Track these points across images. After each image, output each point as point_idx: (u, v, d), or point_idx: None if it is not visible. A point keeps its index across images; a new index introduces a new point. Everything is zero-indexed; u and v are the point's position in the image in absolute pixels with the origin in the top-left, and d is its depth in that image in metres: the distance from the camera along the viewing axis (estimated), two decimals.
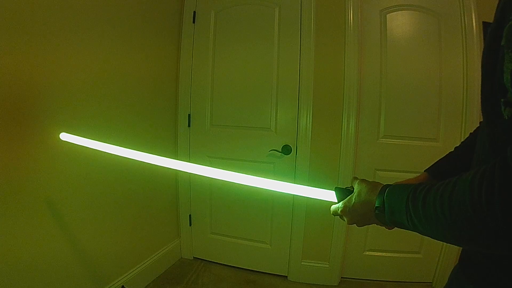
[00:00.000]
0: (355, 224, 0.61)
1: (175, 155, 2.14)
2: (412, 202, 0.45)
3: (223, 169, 0.77)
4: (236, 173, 0.75)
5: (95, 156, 1.24)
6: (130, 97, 1.66)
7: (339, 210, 0.62)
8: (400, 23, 1.82)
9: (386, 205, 0.50)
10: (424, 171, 0.77)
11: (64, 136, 1.10)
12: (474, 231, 0.37)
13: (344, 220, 0.63)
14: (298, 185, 0.73)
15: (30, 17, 1.10)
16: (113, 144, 0.98)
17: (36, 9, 1.11)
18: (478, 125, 0.58)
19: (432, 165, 0.77)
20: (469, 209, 0.36)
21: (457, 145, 0.77)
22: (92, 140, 1.03)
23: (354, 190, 0.60)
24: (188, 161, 2.10)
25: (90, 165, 1.39)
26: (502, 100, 0.38)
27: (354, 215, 0.59)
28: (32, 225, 1.17)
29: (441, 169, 0.75)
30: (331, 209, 0.65)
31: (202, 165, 0.81)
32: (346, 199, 0.61)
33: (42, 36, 1.15)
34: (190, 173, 0.87)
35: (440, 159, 0.77)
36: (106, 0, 1.44)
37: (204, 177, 0.84)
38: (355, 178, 0.64)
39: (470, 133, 0.74)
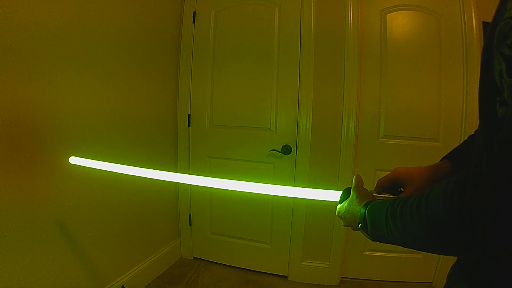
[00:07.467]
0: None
1: (175, 155, 2.14)
2: (391, 215, 0.47)
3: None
4: (237, 181, 0.77)
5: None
6: (129, 98, 1.66)
7: (336, 212, 0.67)
8: (400, 23, 1.83)
9: (368, 221, 0.53)
10: (443, 158, 0.74)
11: (74, 160, 1.13)
12: (449, 238, 0.38)
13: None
14: (304, 189, 0.74)
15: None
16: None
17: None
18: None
19: (451, 151, 0.74)
20: (443, 217, 0.37)
21: (457, 145, 0.77)
22: (98, 161, 1.10)
23: (350, 197, 0.63)
24: (188, 161, 2.12)
25: (89, 171, 1.40)
26: (498, 99, 0.39)
27: (345, 221, 0.63)
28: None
29: (461, 154, 0.72)
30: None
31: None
32: (343, 203, 0.65)
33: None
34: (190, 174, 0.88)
35: (458, 146, 0.74)
36: (104, 3, 1.44)
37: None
38: (358, 178, 0.66)
39: None
